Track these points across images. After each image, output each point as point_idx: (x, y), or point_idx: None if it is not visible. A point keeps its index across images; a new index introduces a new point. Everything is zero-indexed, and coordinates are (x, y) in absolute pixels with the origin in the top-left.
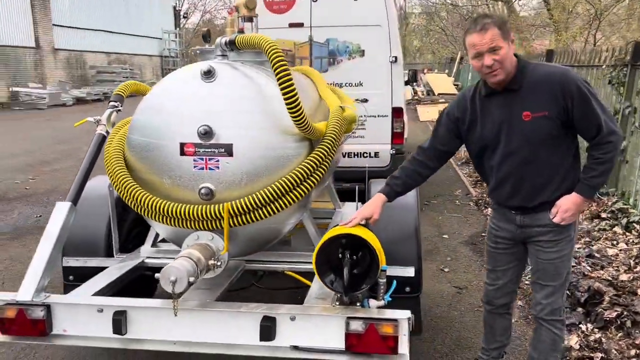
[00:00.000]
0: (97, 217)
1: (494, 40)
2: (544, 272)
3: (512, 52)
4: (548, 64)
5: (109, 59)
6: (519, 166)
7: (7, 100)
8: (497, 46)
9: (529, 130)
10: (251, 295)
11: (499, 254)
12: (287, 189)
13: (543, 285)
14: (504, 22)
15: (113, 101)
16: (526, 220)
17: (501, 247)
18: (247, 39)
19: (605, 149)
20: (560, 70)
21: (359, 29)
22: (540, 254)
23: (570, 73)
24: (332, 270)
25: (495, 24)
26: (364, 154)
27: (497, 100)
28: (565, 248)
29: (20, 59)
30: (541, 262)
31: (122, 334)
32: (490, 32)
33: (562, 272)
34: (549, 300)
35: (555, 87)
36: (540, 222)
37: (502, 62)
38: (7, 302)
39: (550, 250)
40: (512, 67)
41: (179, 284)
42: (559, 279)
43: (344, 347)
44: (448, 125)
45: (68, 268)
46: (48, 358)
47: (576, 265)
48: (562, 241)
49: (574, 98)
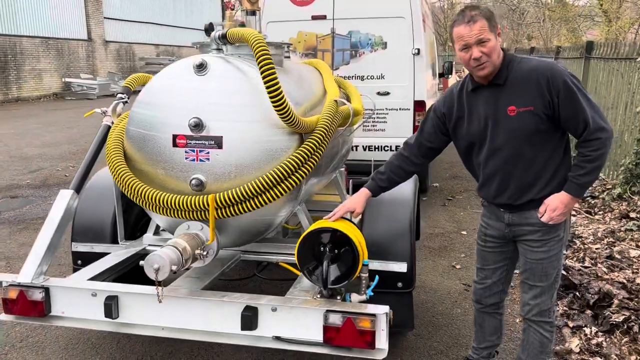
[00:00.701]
0: (104, 205)
1: (482, 32)
2: (531, 272)
3: (499, 45)
4: (535, 58)
5: (157, 50)
6: (505, 163)
7: (61, 90)
8: (485, 38)
9: (514, 126)
10: (256, 285)
11: (488, 253)
12: (274, 182)
13: (531, 285)
14: (492, 13)
15: (120, 93)
16: (514, 219)
17: (490, 245)
18: (237, 32)
19: (593, 145)
20: (546, 64)
21: (381, 21)
22: (528, 254)
23: (556, 66)
24: (315, 263)
25: (483, 16)
26: (384, 148)
27: (483, 95)
28: (554, 248)
29: (73, 51)
30: (529, 262)
31: (114, 318)
32: (479, 23)
33: (551, 272)
34: (537, 301)
35: (541, 81)
36: (529, 221)
37: (489, 54)
38: (9, 283)
39: (538, 250)
40: (498, 61)
41: (161, 271)
42: (546, 280)
43: (322, 339)
44: (434, 121)
45: (77, 253)
46: (59, 337)
47: (590, 267)
48: (550, 241)
49: (560, 92)
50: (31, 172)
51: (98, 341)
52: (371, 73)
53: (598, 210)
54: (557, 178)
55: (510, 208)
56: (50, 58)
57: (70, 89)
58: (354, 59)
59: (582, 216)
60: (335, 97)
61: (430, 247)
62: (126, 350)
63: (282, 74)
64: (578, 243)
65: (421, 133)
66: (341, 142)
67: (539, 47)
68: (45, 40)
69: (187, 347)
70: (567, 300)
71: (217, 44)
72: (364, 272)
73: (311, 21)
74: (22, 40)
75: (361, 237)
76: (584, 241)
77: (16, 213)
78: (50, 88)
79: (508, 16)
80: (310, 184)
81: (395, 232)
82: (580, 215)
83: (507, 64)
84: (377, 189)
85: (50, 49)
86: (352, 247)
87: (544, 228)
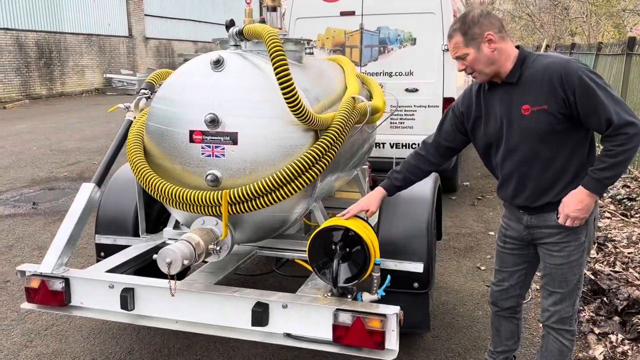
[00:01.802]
0: (127, 198)
1: (456, 50)
2: (551, 278)
3: (492, 49)
4: (551, 55)
5: (195, 47)
6: (521, 164)
7: (102, 86)
8: (461, 55)
9: (528, 125)
10: (276, 281)
11: (507, 255)
12: (288, 179)
13: (551, 291)
14: (472, 24)
15: (144, 89)
16: (533, 221)
17: (509, 247)
18: (253, 29)
19: (618, 140)
20: (561, 60)
21: (411, 16)
22: (547, 258)
23: (570, 64)
24: (324, 260)
25: (459, 30)
26: (411, 145)
27: (498, 94)
28: (574, 253)
29: (115, 47)
30: (548, 267)
31: (129, 309)
32: (454, 40)
33: (571, 279)
34: (556, 308)
35: (554, 79)
36: (547, 223)
37: (472, 66)
38: (32, 272)
39: (557, 255)
40: (491, 67)
41: (173, 265)
42: (567, 286)
43: (331, 338)
44: (453, 120)
45: (100, 245)
46: (82, 326)
47: (621, 272)
48: (570, 245)
49: (576, 89)
50: (69, 165)
51: (119, 332)
52: (400, 69)
53: (635, 213)
54: (579, 180)
55: (528, 210)
56: (93, 54)
57: (111, 84)
58: (382, 55)
59: (617, 219)
60: (354, 93)
61: (455, 247)
62: (145, 342)
63: (301, 70)
64: (610, 246)
65: (439, 132)
66: (362, 139)
67: (580, 44)
68: (88, 37)
69: (203, 341)
70: (595, 305)
71: (235, 40)
72: (375, 271)
73: (339, 17)
74: (66, 37)
75: (374, 236)
76: (617, 245)
77: (52, 205)
78: (92, 84)
79: (550, 11)
80: (327, 181)
81: (411, 231)
82: (615, 218)
83: (521, 63)
84: (392, 188)
85: (92, 45)
86: (363, 246)
87: (563, 231)
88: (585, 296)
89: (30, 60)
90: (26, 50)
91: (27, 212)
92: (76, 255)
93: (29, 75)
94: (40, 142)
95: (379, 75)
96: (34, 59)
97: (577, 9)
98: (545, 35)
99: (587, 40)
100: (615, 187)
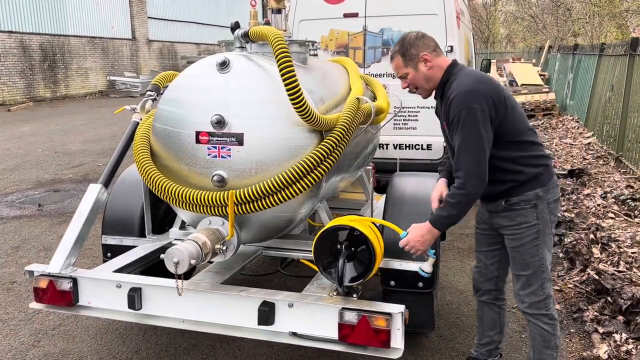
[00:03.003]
0: (134, 199)
1: (398, 70)
2: (513, 262)
3: (428, 67)
4: (466, 77)
5: (198, 49)
6: None
7: (106, 88)
8: (402, 74)
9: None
10: (281, 281)
11: (481, 235)
12: (294, 179)
13: (517, 275)
14: (409, 46)
15: (150, 90)
16: (490, 207)
17: (481, 227)
18: (258, 31)
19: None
20: (461, 88)
21: (414, 18)
22: (507, 242)
23: (463, 94)
24: (329, 259)
25: (399, 52)
26: (415, 146)
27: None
28: (526, 236)
29: (118, 50)
30: (510, 251)
31: (137, 309)
32: (395, 62)
33: (530, 261)
34: (525, 292)
35: (451, 101)
36: (498, 208)
37: (414, 84)
38: (40, 273)
39: (512, 238)
40: (432, 83)
41: (180, 265)
42: (528, 269)
43: (337, 337)
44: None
45: (106, 246)
46: (89, 326)
47: (625, 271)
48: (520, 228)
49: (454, 119)
50: (74, 167)
51: (125, 331)
52: None
53: (638, 213)
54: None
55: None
56: (96, 57)
57: (114, 86)
58: (385, 57)
59: (621, 219)
60: (358, 94)
61: (459, 247)
62: (151, 342)
63: (306, 71)
64: (614, 246)
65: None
66: (366, 140)
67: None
68: (92, 39)
69: (209, 340)
70: (599, 305)
71: (241, 42)
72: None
73: (343, 19)
74: (69, 39)
75: (379, 235)
76: (620, 245)
77: (57, 206)
78: (96, 86)
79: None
80: (332, 182)
81: None
82: (619, 218)
83: (444, 82)
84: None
85: (96, 48)
86: (368, 246)
87: (510, 215)
88: (589, 296)
89: (34, 63)
90: (30, 53)
91: (32, 213)
92: (82, 256)
93: (33, 77)
94: (45, 145)
95: (382, 77)
96: (37, 62)
97: (579, 9)
98: (547, 36)
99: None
100: (619, 188)
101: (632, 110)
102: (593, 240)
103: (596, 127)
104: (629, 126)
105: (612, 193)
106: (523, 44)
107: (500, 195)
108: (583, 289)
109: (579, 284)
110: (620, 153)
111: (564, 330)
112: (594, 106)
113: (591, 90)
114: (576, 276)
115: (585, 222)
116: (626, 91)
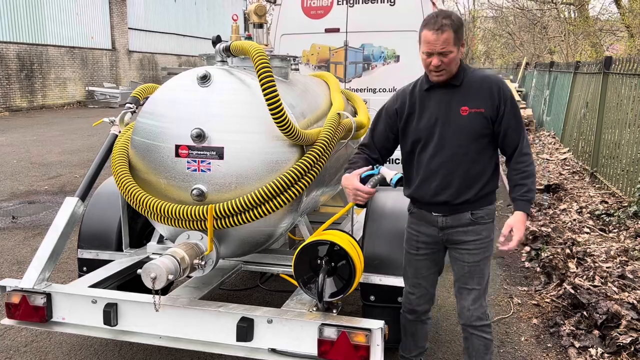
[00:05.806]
0: (111, 212)
1: (447, 45)
2: (470, 276)
3: (461, 55)
4: (486, 70)
5: (179, 60)
6: (451, 159)
7: (84, 99)
8: (448, 50)
9: (464, 125)
10: (260, 296)
11: (421, 261)
12: (274, 193)
13: (470, 289)
14: (461, 25)
15: (129, 103)
16: (449, 221)
17: (422, 252)
18: (240, 45)
19: (526, 160)
20: (497, 76)
21: (394, 34)
22: (466, 257)
23: (505, 84)
24: (309, 273)
25: (452, 27)
26: (395, 160)
27: (436, 95)
28: (488, 249)
29: (97, 60)
30: (467, 266)
31: (112, 325)
32: (446, 34)
33: (486, 272)
34: (475, 305)
35: (493, 87)
36: (462, 222)
37: (448, 64)
38: (13, 288)
39: (476, 252)
40: (455, 68)
41: (158, 280)
42: (483, 281)
43: (317, 353)
44: (386, 120)
45: (82, 260)
46: (62, 343)
47: (600, 286)
48: (485, 241)
49: (507, 102)
50: (50, 178)
51: (100, 347)
52: (383, 86)
53: (612, 228)
54: (489, 187)
55: (445, 210)
56: (75, 67)
57: (93, 97)
58: (366, 72)
59: (596, 234)
60: (339, 109)
61: None
62: (127, 358)
63: (287, 86)
64: (589, 261)
65: (373, 133)
66: (347, 155)
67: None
68: (71, 49)
69: (187, 357)
70: (575, 319)
71: (222, 56)
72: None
73: (325, 34)
74: (48, 49)
75: (359, 250)
76: (596, 259)
77: (32, 219)
78: (74, 96)
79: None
80: (312, 196)
81: (396, 246)
82: (594, 233)
83: (463, 70)
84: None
85: (75, 58)
86: (348, 261)
87: (476, 228)
88: (565, 310)
89: (10, 72)
90: (7, 62)
91: (6, 226)
92: (57, 270)
93: (9, 87)
94: (21, 155)
95: (363, 92)
96: (14, 71)
97: (555, 28)
98: (525, 53)
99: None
100: (594, 203)
101: (606, 127)
102: (569, 254)
103: (572, 143)
104: (603, 142)
105: (587, 208)
106: (501, 60)
107: (469, 207)
108: (560, 303)
109: (556, 298)
110: (595, 169)
111: (541, 344)
112: (569, 122)
113: (567, 107)
114: (553, 290)
115: (561, 237)
116: (600, 108)
